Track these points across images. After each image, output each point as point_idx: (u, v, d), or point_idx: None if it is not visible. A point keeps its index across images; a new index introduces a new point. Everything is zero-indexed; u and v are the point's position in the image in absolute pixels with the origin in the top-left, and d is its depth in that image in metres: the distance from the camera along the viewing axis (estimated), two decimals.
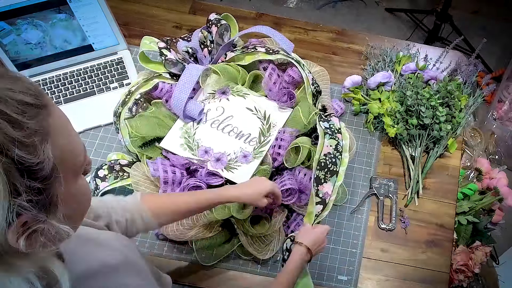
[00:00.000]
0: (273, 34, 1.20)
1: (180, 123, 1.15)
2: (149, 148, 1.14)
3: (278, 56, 1.17)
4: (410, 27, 2.61)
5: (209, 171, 1.07)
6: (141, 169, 1.09)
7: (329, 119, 1.10)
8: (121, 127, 1.13)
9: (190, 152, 1.10)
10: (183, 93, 1.12)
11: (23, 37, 1.21)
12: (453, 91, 1.22)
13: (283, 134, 1.11)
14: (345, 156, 1.06)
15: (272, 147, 1.11)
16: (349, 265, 1.12)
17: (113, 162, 1.11)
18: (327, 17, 2.65)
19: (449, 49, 1.35)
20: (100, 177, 1.09)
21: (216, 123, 1.15)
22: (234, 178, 1.07)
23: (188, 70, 1.15)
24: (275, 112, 1.16)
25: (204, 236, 1.05)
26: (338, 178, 1.04)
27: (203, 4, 1.48)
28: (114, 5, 1.35)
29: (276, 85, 1.18)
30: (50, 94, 1.27)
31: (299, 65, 1.17)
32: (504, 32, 2.60)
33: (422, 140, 1.22)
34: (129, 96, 1.15)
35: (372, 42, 1.42)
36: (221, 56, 1.24)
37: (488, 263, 1.43)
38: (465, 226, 1.33)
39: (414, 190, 1.20)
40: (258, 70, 1.21)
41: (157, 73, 1.21)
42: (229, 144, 1.12)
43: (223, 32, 1.23)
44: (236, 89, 1.19)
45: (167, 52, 1.19)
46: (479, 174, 1.47)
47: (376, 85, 1.28)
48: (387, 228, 1.16)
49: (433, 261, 1.14)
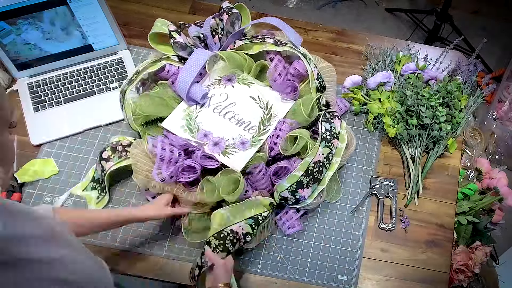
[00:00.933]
0: (282, 26, 1.21)
1: (183, 105, 1.17)
2: (152, 127, 1.16)
3: (285, 48, 1.18)
4: (410, 27, 2.61)
5: (206, 154, 1.08)
6: (141, 146, 1.12)
7: (331, 121, 1.11)
8: (125, 105, 1.15)
9: (190, 134, 1.12)
10: (188, 76, 1.14)
11: (23, 37, 1.21)
12: (453, 91, 1.22)
13: (282, 125, 1.12)
14: (336, 161, 1.10)
15: (270, 137, 1.13)
16: (349, 265, 1.12)
17: (115, 143, 1.15)
18: (327, 17, 2.65)
19: (449, 49, 1.35)
20: (105, 158, 1.13)
21: (219, 108, 1.16)
22: (230, 163, 1.08)
23: (196, 54, 1.17)
24: (278, 103, 1.18)
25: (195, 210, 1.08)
26: (321, 183, 1.09)
27: (203, 4, 1.48)
28: (114, 5, 1.35)
29: (281, 77, 1.20)
30: (50, 94, 1.27)
31: (305, 59, 1.18)
32: (504, 32, 2.60)
33: (422, 140, 1.22)
34: (136, 75, 1.17)
35: (372, 42, 1.42)
36: (230, 44, 1.25)
37: (488, 263, 1.43)
38: (465, 226, 1.33)
39: (414, 190, 1.20)
40: (264, 61, 1.22)
41: (166, 55, 1.23)
42: (228, 130, 1.13)
43: (234, 20, 1.25)
44: (242, 77, 1.21)
45: (177, 35, 1.20)
46: (479, 174, 1.48)
47: (376, 85, 1.28)
48: (387, 228, 1.16)
49: (433, 261, 1.14)
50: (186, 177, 1.05)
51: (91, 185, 1.18)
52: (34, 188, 1.17)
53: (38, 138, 1.22)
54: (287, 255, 1.12)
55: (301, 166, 1.05)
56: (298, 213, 1.12)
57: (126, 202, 1.17)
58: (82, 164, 1.20)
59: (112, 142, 1.16)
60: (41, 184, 1.17)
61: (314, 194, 1.08)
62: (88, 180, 1.18)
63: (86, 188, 1.17)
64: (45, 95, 1.27)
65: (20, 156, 1.20)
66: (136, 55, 1.37)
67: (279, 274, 1.10)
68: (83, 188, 1.17)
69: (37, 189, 1.17)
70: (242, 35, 1.27)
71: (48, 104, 1.26)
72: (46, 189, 1.17)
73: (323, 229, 1.16)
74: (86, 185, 1.18)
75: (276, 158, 1.13)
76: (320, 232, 1.15)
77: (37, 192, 1.16)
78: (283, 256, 1.12)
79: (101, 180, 1.15)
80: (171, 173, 1.03)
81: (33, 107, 1.26)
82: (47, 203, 1.15)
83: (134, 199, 1.17)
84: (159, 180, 1.03)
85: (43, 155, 1.21)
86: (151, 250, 1.11)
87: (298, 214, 1.12)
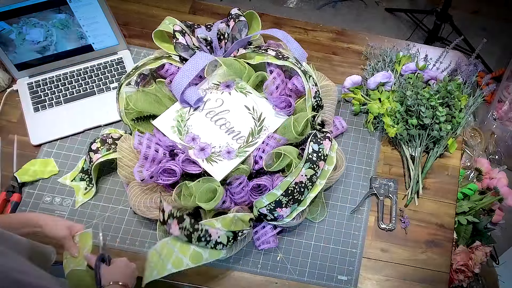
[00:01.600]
0: (287, 41, 1.20)
1: (177, 105, 1.17)
2: (143, 123, 1.16)
3: (285, 62, 1.17)
4: (410, 27, 2.61)
5: (189, 158, 1.08)
6: (129, 141, 1.12)
7: (321, 142, 1.08)
8: (119, 98, 1.15)
9: (178, 136, 1.12)
10: (185, 77, 1.14)
11: (23, 37, 1.21)
12: (453, 91, 1.22)
13: (270, 139, 1.11)
14: (320, 183, 1.07)
15: (257, 150, 1.11)
16: (349, 265, 1.12)
17: (105, 135, 1.15)
18: (327, 17, 2.65)
19: (449, 49, 1.35)
20: (93, 150, 1.13)
21: (212, 113, 1.16)
22: (212, 171, 1.07)
23: (195, 57, 1.17)
24: (271, 116, 1.16)
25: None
26: (302, 204, 1.07)
27: (203, 4, 1.48)
28: (114, 5, 1.35)
29: (278, 91, 1.18)
30: (50, 94, 1.27)
31: (304, 76, 1.16)
32: (504, 32, 2.60)
33: (422, 140, 1.22)
34: (134, 70, 1.17)
35: (372, 42, 1.42)
36: (234, 51, 1.25)
37: (488, 263, 1.43)
38: (465, 226, 1.33)
39: (414, 190, 1.20)
40: (265, 72, 1.21)
41: (168, 53, 1.24)
42: (217, 137, 1.12)
43: (241, 28, 1.25)
44: (241, 85, 1.20)
45: (180, 36, 1.20)
46: (479, 174, 1.48)
47: (376, 85, 1.28)
48: (387, 228, 1.16)
49: (433, 261, 1.14)
50: (165, 179, 1.05)
51: (80, 175, 1.18)
52: (34, 188, 1.17)
53: (38, 138, 1.22)
54: (287, 255, 1.12)
55: (281, 185, 1.03)
56: (275, 229, 1.10)
57: (114, 195, 1.17)
58: None
59: (103, 134, 1.16)
60: (41, 184, 1.17)
61: (292, 214, 1.06)
62: (77, 170, 1.18)
63: (75, 179, 1.18)
64: (45, 95, 1.27)
65: (20, 156, 1.20)
66: (136, 55, 1.37)
67: (279, 274, 1.10)
68: (72, 178, 1.18)
69: (37, 189, 1.17)
70: (248, 43, 1.27)
71: (48, 104, 1.26)
72: (46, 189, 1.17)
73: (323, 229, 1.16)
74: (75, 176, 1.18)
75: (260, 172, 1.12)
76: (320, 232, 1.15)
77: (37, 192, 1.16)
78: (283, 256, 1.12)
79: (90, 172, 1.16)
80: (152, 173, 1.03)
81: (33, 107, 1.26)
82: (46, 203, 1.15)
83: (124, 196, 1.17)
84: (138, 179, 1.02)
85: (43, 155, 1.21)
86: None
87: (275, 230, 1.10)
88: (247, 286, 1.09)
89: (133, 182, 1.09)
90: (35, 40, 1.23)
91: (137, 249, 1.11)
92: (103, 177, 1.19)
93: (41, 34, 1.22)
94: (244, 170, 1.09)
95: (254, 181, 1.08)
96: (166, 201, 1.03)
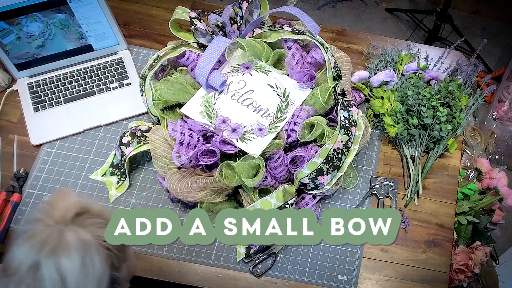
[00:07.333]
0: (301, 16, 1.22)
1: (202, 91, 1.18)
2: (171, 113, 1.18)
3: (303, 36, 1.20)
4: (410, 27, 2.61)
5: (224, 139, 1.10)
6: (160, 132, 1.13)
7: (349, 109, 1.13)
8: (145, 90, 1.16)
9: (208, 120, 1.14)
10: (208, 63, 1.16)
11: (23, 37, 1.21)
12: (454, 91, 1.22)
13: (300, 112, 1.14)
14: (354, 148, 1.12)
15: (288, 124, 1.14)
16: (349, 265, 1.12)
17: (134, 128, 1.16)
18: (327, 17, 2.65)
19: (450, 50, 1.35)
20: (124, 143, 1.14)
21: (237, 95, 1.18)
22: (247, 149, 1.10)
23: (215, 41, 1.19)
24: (295, 90, 1.19)
25: (212, 200, 1.09)
26: (340, 169, 1.11)
27: (203, 4, 1.48)
28: (114, 5, 1.35)
29: (299, 65, 1.21)
30: (50, 94, 1.27)
31: (322, 47, 1.19)
32: (504, 32, 2.60)
33: (422, 140, 1.22)
34: (156, 60, 1.19)
35: (373, 42, 1.42)
36: (249, 32, 1.27)
37: (488, 263, 1.43)
38: (465, 226, 1.33)
39: (414, 190, 1.20)
40: (282, 49, 1.23)
41: (186, 42, 1.25)
42: (246, 117, 1.15)
43: (253, 9, 1.26)
44: (259, 65, 1.23)
45: (198, 22, 1.22)
46: (479, 174, 1.47)
47: (379, 84, 1.28)
48: None
49: (433, 261, 1.14)
50: (205, 160, 1.07)
51: (110, 170, 1.18)
52: (34, 188, 1.17)
53: (38, 138, 1.22)
54: (287, 255, 1.12)
55: (321, 153, 1.06)
56: (315, 199, 1.13)
57: (146, 187, 1.18)
58: (82, 164, 1.20)
59: (131, 127, 1.17)
60: (41, 184, 1.17)
61: (332, 181, 1.10)
62: (107, 166, 1.19)
63: (106, 174, 1.18)
64: (45, 95, 1.27)
65: (20, 156, 1.20)
66: (136, 55, 1.37)
67: (279, 274, 1.10)
68: (102, 173, 1.18)
69: (37, 189, 1.17)
70: (261, 23, 1.29)
71: (48, 104, 1.26)
72: (46, 189, 1.17)
73: None
74: (106, 171, 1.18)
75: (293, 145, 1.15)
76: None
77: (37, 192, 1.16)
78: (283, 256, 1.12)
79: (121, 166, 1.16)
80: (190, 157, 1.05)
81: (33, 107, 1.26)
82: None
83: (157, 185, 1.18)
84: (178, 163, 1.04)
85: (43, 155, 1.21)
86: (151, 250, 1.11)
87: (315, 200, 1.13)
88: (247, 286, 1.09)
89: (171, 171, 1.10)
90: (30, 32, 1.21)
91: (137, 249, 1.11)
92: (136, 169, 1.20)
93: (41, 33, 1.22)
94: (278, 144, 1.12)
95: (291, 154, 1.11)
96: (209, 181, 1.06)
